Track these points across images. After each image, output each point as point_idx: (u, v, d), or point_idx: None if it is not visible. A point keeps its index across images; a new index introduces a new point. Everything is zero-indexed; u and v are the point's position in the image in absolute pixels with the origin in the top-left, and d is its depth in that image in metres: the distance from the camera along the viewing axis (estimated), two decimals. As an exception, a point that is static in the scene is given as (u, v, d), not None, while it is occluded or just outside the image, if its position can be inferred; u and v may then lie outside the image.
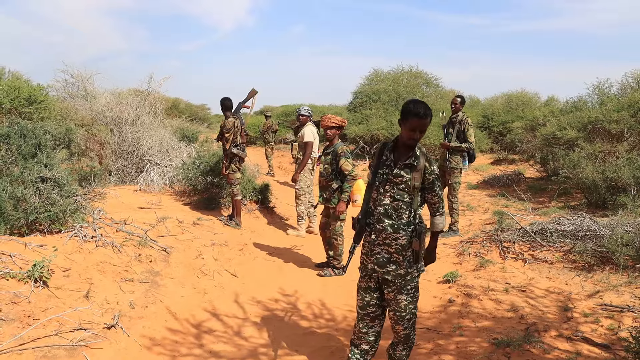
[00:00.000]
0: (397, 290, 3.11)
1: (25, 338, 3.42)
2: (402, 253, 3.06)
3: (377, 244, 3.13)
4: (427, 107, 2.96)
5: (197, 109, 34.43)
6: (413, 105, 2.95)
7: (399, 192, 3.05)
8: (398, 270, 3.07)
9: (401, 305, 3.13)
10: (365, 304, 3.25)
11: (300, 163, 7.65)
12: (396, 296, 3.12)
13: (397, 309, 3.15)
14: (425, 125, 2.94)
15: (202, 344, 4.11)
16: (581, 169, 8.64)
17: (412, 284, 3.14)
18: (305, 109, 8.34)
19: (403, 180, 3.03)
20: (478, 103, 27.08)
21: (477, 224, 8.03)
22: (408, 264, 3.07)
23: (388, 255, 3.09)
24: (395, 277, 3.09)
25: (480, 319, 4.39)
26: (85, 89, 10.32)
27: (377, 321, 3.29)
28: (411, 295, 3.14)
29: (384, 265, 3.10)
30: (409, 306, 3.15)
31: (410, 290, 3.13)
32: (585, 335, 3.79)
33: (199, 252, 5.96)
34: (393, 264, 3.08)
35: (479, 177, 13.58)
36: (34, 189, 4.99)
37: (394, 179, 3.05)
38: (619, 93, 11.82)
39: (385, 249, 3.09)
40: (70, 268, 4.39)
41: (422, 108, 2.93)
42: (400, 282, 3.09)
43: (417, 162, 3.02)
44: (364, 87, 20.80)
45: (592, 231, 5.79)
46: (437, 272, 5.82)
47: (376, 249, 3.13)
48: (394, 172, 3.05)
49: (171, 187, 8.96)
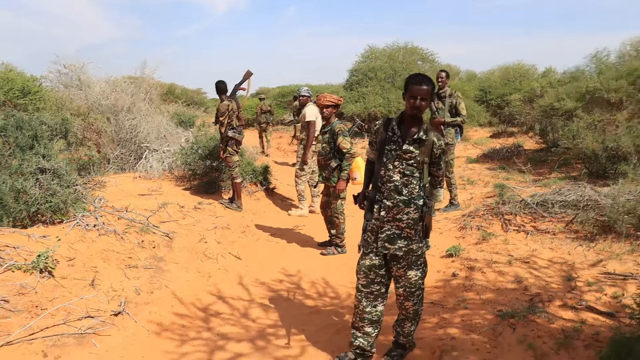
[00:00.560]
0: (408, 265, 3.14)
1: (34, 328, 3.45)
2: (413, 227, 3.09)
3: (386, 221, 3.13)
4: (426, 76, 3.03)
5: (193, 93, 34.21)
6: (413, 76, 3.04)
7: (408, 168, 3.07)
8: (410, 246, 3.10)
9: (411, 280, 3.17)
10: (369, 282, 3.26)
11: (306, 144, 7.63)
12: (406, 272, 3.15)
13: (408, 284, 3.18)
14: (426, 92, 2.97)
15: (209, 327, 4.15)
16: (581, 139, 8.62)
17: (422, 259, 3.19)
18: (305, 89, 8.30)
19: (412, 156, 3.05)
20: (475, 77, 26.94)
21: (478, 197, 8.04)
22: (419, 239, 3.10)
23: (399, 231, 3.10)
24: (406, 252, 3.11)
25: (484, 292, 4.42)
26: (79, 79, 10.23)
27: (380, 300, 3.30)
28: (421, 270, 3.19)
29: (395, 241, 3.11)
30: (419, 281, 3.20)
31: (420, 265, 3.18)
32: (589, 303, 3.82)
33: (202, 236, 5.97)
34: (404, 240, 3.10)
35: (479, 150, 13.56)
36: (33, 181, 4.99)
37: (403, 155, 3.06)
38: (617, 61, 11.75)
39: (395, 224, 3.10)
40: (75, 257, 4.40)
41: (420, 76, 3.03)
42: (411, 257, 3.12)
43: (426, 137, 3.04)
44: (359, 65, 20.64)
45: (594, 201, 5.79)
46: (440, 246, 5.84)
47: (386, 225, 3.13)
48: (403, 148, 3.06)
49: (170, 173, 8.94)
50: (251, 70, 7.44)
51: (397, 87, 17.85)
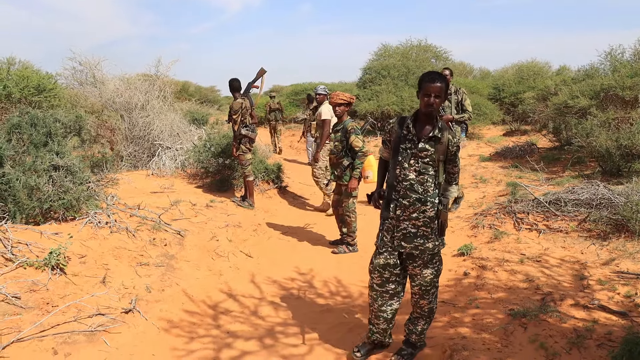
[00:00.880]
0: (424, 264, 3.16)
1: (45, 325, 3.48)
2: (429, 225, 3.09)
3: (402, 219, 3.14)
4: (439, 74, 3.04)
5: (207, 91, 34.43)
6: (426, 74, 3.05)
7: (424, 166, 3.07)
8: (426, 244, 3.11)
9: (427, 279, 3.19)
10: (384, 281, 3.26)
11: (319, 142, 7.66)
12: (422, 270, 3.17)
13: (423, 283, 3.20)
14: (439, 89, 2.97)
15: (219, 324, 4.16)
16: (594, 137, 8.51)
17: (438, 257, 3.21)
18: (322, 87, 8.34)
19: (428, 154, 3.06)
20: (489, 75, 26.77)
21: (491, 196, 7.98)
22: (435, 237, 3.11)
23: (415, 229, 3.11)
24: (422, 251, 3.12)
25: (495, 291, 4.38)
26: (93, 76, 10.32)
27: (396, 299, 3.33)
28: (436, 269, 3.21)
29: (412, 240, 3.12)
30: (434, 280, 3.22)
31: (436, 264, 3.20)
32: (601, 303, 3.77)
33: (213, 234, 5.99)
34: (420, 238, 3.11)
35: (492, 149, 13.45)
36: (47, 178, 5.04)
37: (419, 153, 3.07)
38: (632, 59, 11.57)
39: (412, 223, 3.12)
40: (86, 254, 4.44)
41: (434, 73, 3.04)
42: (428, 255, 3.14)
43: (442, 135, 3.04)
44: (372, 63, 20.57)
45: (607, 199, 5.73)
46: (451, 245, 5.80)
47: (402, 224, 3.15)
48: (418, 147, 3.07)
49: (183, 171, 8.99)
50: (265, 68, 7.45)
51: (411, 85, 17.77)
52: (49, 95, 8.97)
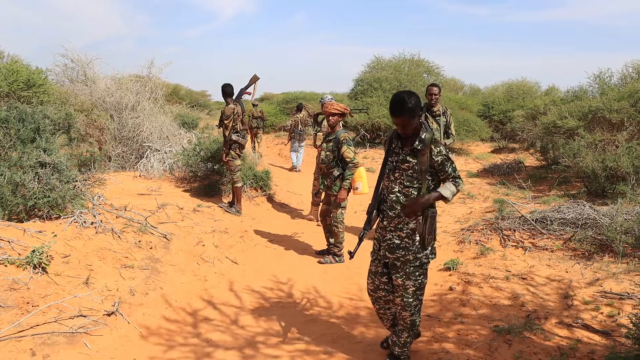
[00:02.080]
0: (406, 276, 3.17)
1: (24, 325, 3.42)
2: (412, 237, 3.12)
3: (388, 230, 3.21)
4: (399, 102, 2.99)
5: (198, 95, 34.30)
6: (392, 102, 3.03)
7: (407, 179, 3.11)
8: (407, 256, 3.14)
9: (409, 291, 3.20)
10: (375, 288, 3.38)
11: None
12: (404, 282, 3.19)
13: (405, 294, 3.21)
14: (404, 121, 3.01)
15: (199, 332, 4.11)
16: (581, 157, 8.60)
17: (420, 271, 3.19)
18: (329, 97, 8.29)
19: (410, 166, 3.09)
20: (479, 92, 27.02)
21: (478, 212, 8.02)
22: (416, 249, 3.13)
23: (399, 241, 3.16)
24: (404, 262, 3.16)
25: (480, 307, 4.39)
26: (85, 74, 10.25)
27: (392, 304, 3.42)
28: (419, 282, 3.20)
29: (394, 251, 3.18)
30: (417, 292, 3.22)
31: (419, 277, 3.19)
32: (585, 322, 3.79)
33: (200, 239, 5.95)
34: (402, 250, 3.15)
35: (479, 165, 13.55)
36: (32, 174, 4.98)
37: (402, 165, 3.12)
38: (619, 83, 11.77)
39: (397, 234, 3.17)
40: (70, 254, 4.37)
41: (394, 104, 3.02)
42: (409, 268, 3.16)
43: (422, 146, 3.05)
44: (365, 75, 20.68)
45: (592, 219, 5.78)
46: (438, 259, 5.77)
47: (388, 235, 3.22)
48: (400, 159, 3.12)
49: (171, 174, 8.93)
50: (258, 75, 7.44)
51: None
52: (39, 90, 8.87)
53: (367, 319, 4.41)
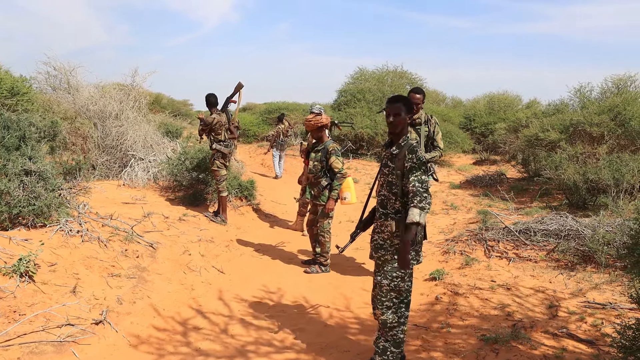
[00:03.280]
0: (383, 275, 3.29)
1: (11, 334, 3.38)
2: (390, 239, 3.26)
3: (375, 231, 3.41)
4: (399, 96, 3.33)
5: (179, 104, 34.13)
6: (391, 96, 3.33)
7: (388, 183, 3.28)
8: (385, 256, 3.28)
9: (383, 289, 3.29)
10: (374, 286, 3.48)
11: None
12: (381, 280, 3.31)
13: (379, 292, 3.32)
14: (397, 109, 3.21)
15: (189, 341, 4.09)
16: (563, 170, 8.76)
17: (397, 273, 3.25)
18: (318, 107, 8.30)
19: (390, 171, 3.27)
20: (461, 104, 27.36)
21: (461, 223, 8.10)
22: (394, 251, 3.23)
23: (382, 241, 3.32)
24: (383, 262, 3.29)
25: (467, 316, 4.43)
26: (68, 82, 10.16)
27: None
28: (395, 284, 3.27)
29: (377, 250, 3.34)
30: (390, 293, 3.28)
31: (395, 279, 3.26)
32: (570, 331, 3.86)
33: (186, 248, 5.92)
34: (383, 250, 3.30)
35: (462, 177, 13.70)
36: (18, 182, 4.92)
37: (384, 170, 3.32)
38: (600, 97, 12.01)
39: (380, 235, 3.34)
40: (57, 263, 4.34)
41: (394, 96, 3.32)
42: (387, 266, 3.27)
43: (398, 151, 3.23)
44: (348, 86, 20.79)
45: (575, 231, 5.88)
46: (423, 269, 5.85)
47: (374, 235, 3.41)
48: (383, 163, 3.35)
49: (155, 183, 8.89)
50: (242, 83, 7.45)
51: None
52: (22, 99, 8.78)
53: (355, 328, 4.43)
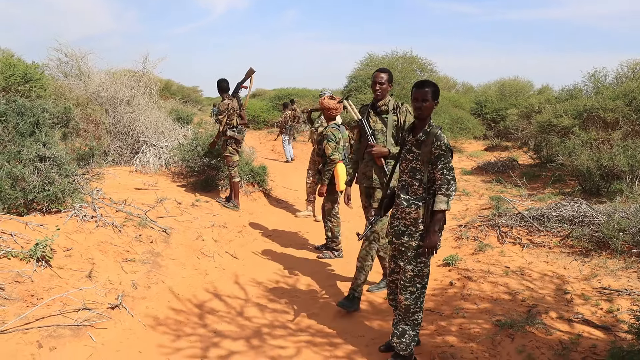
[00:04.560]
0: (407, 260, 3.27)
1: (29, 317, 3.41)
2: (415, 225, 3.22)
3: (396, 217, 3.36)
4: (427, 81, 3.24)
5: (189, 91, 34.14)
6: (418, 81, 3.26)
7: (412, 169, 3.24)
8: (410, 242, 3.24)
9: (407, 275, 3.28)
10: (391, 271, 3.52)
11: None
12: (405, 266, 3.29)
13: (403, 278, 3.31)
14: (425, 94, 3.15)
15: (205, 323, 4.12)
16: (576, 156, 8.69)
17: (422, 259, 3.25)
18: (328, 93, 8.27)
19: (414, 157, 3.22)
20: (472, 90, 27.15)
21: (474, 209, 8.07)
22: (420, 237, 3.21)
23: (404, 227, 3.28)
24: (407, 248, 3.26)
25: (481, 301, 4.43)
26: (79, 68, 10.17)
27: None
28: (419, 269, 3.27)
29: (400, 236, 3.30)
30: (415, 278, 3.28)
31: (419, 264, 3.26)
32: (585, 317, 3.85)
33: (199, 233, 5.94)
34: (407, 236, 3.26)
35: (473, 163, 13.64)
36: (32, 168, 4.95)
37: (407, 155, 3.27)
38: (614, 82, 11.88)
39: (402, 222, 3.29)
40: (72, 248, 4.36)
41: (422, 81, 3.24)
42: (412, 253, 3.24)
43: (425, 138, 3.17)
44: (359, 72, 20.73)
45: (589, 217, 5.84)
46: (436, 255, 5.82)
47: (395, 221, 3.36)
48: (407, 149, 3.28)
49: (167, 169, 8.90)
50: (253, 68, 7.41)
51: (396, 95, 17.91)
52: (35, 85, 8.79)
53: (369, 313, 4.44)
